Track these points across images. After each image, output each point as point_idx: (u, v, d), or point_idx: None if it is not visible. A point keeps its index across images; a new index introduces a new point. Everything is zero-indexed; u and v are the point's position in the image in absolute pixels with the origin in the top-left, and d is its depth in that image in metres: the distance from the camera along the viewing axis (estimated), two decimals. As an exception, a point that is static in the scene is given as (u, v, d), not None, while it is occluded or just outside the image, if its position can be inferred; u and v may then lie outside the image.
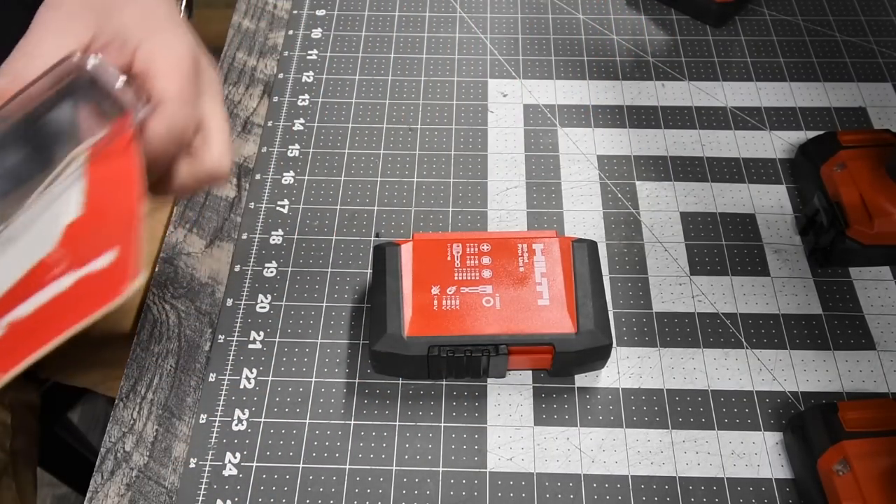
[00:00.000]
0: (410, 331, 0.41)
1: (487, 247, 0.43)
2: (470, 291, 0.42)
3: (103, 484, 0.41)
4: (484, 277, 0.42)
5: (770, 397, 0.43)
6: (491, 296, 0.42)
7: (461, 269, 0.43)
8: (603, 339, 0.41)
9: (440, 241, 0.44)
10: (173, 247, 0.50)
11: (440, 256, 0.43)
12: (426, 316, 0.41)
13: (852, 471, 0.36)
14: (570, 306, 0.41)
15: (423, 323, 0.41)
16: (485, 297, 0.42)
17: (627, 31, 0.60)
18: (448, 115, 0.55)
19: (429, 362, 0.41)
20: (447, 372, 0.42)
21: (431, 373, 0.42)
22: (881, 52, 0.58)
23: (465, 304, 0.41)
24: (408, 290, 0.42)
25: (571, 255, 0.43)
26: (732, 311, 0.46)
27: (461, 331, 0.41)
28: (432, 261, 0.43)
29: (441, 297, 0.42)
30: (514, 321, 0.41)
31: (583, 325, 0.40)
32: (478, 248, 0.43)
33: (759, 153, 0.53)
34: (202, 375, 0.45)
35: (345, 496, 0.40)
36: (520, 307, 0.41)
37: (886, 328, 0.45)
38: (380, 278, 0.42)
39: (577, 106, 0.56)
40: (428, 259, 0.43)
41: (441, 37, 0.60)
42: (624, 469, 0.40)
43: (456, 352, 0.40)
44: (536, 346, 0.40)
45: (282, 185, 0.52)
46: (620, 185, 0.51)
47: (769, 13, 0.61)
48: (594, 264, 0.43)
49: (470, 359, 0.41)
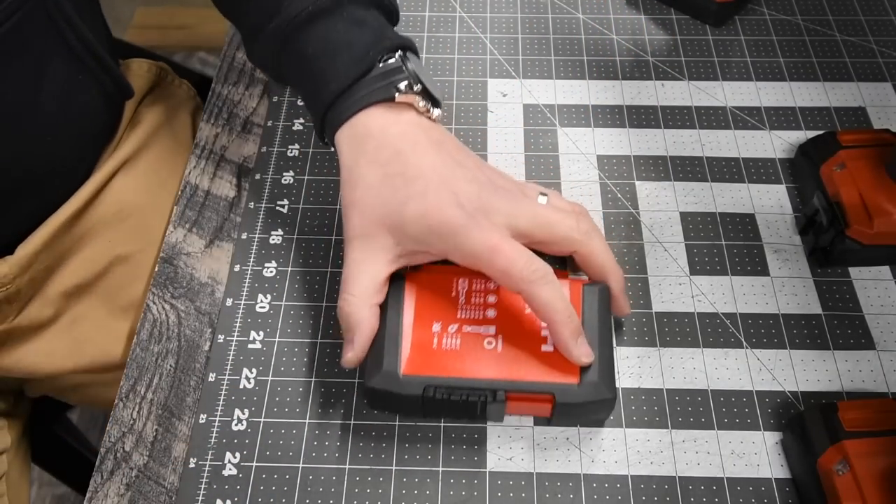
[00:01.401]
0: (407, 369, 0.39)
1: (494, 284, 0.42)
2: (472, 331, 0.40)
3: (103, 484, 0.41)
4: (488, 317, 0.41)
5: (770, 397, 0.43)
6: (493, 337, 0.40)
7: (465, 307, 0.41)
8: (606, 393, 0.39)
9: (446, 276, 0.42)
10: (173, 246, 0.50)
11: (445, 291, 0.42)
12: (424, 354, 0.40)
13: (852, 471, 0.36)
14: None
15: (421, 361, 0.39)
16: (487, 339, 0.40)
17: (627, 30, 0.60)
18: (448, 115, 0.55)
19: (424, 402, 0.39)
20: (442, 413, 0.41)
21: (426, 413, 0.41)
22: (881, 51, 0.58)
23: (465, 345, 0.40)
24: (408, 325, 0.40)
25: (581, 298, 0.41)
26: (732, 310, 0.46)
27: (459, 372, 0.39)
28: (437, 295, 0.41)
29: (442, 335, 0.40)
30: (515, 367, 0.39)
31: (586, 377, 0.39)
32: (484, 285, 0.42)
33: (759, 153, 0.53)
34: (202, 375, 0.45)
35: (345, 496, 0.40)
36: (522, 352, 0.40)
37: (886, 328, 0.45)
38: (381, 309, 0.41)
39: (576, 106, 0.56)
40: (432, 293, 0.41)
41: (441, 36, 0.60)
42: (624, 469, 0.41)
43: (452, 394, 0.39)
44: (536, 395, 0.39)
45: (282, 184, 0.52)
46: (620, 184, 0.51)
47: (769, 13, 0.61)
48: (604, 311, 0.41)
49: (466, 403, 0.39)
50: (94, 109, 0.53)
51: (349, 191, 0.41)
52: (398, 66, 0.42)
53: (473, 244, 0.39)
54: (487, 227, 0.39)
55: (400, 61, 0.42)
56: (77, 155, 0.54)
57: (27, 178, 0.50)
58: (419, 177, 0.40)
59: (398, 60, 0.42)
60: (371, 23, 0.43)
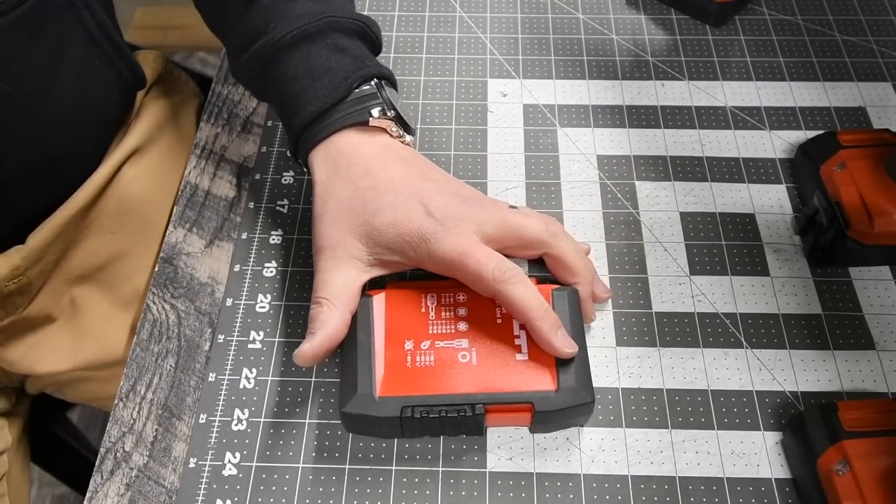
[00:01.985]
0: (382, 390, 0.39)
1: (463, 297, 0.42)
2: (445, 346, 0.40)
3: (103, 484, 0.41)
4: (460, 330, 0.41)
5: (770, 397, 0.43)
6: (467, 350, 0.40)
7: (436, 322, 0.41)
8: (585, 397, 0.39)
9: (414, 293, 0.42)
10: (173, 246, 0.50)
11: (414, 308, 0.41)
12: (399, 374, 0.39)
13: (852, 471, 0.36)
14: (550, 361, 0.39)
15: (396, 381, 0.39)
16: (461, 353, 0.40)
17: (627, 30, 0.60)
18: (448, 115, 0.55)
19: (402, 423, 0.39)
20: (421, 432, 0.40)
21: (406, 433, 0.40)
22: (881, 51, 0.58)
23: (439, 361, 0.39)
24: (380, 346, 0.40)
25: (551, 304, 0.41)
26: (732, 310, 0.46)
27: (436, 389, 0.39)
28: (405, 313, 0.41)
29: (415, 353, 0.40)
30: (492, 378, 0.39)
31: (563, 382, 0.39)
32: (453, 298, 0.42)
33: (759, 153, 0.53)
34: (202, 375, 0.45)
35: (345, 496, 0.40)
36: (497, 363, 0.39)
37: (886, 328, 0.45)
38: (351, 331, 0.40)
39: (576, 106, 0.56)
40: (401, 311, 0.41)
41: (441, 36, 0.60)
42: (624, 469, 0.41)
43: (431, 412, 0.38)
44: (514, 405, 0.38)
45: (281, 184, 0.52)
46: (620, 185, 0.51)
47: (769, 13, 0.61)
48: (574, 314, 0.41)
49: (445, 419, 0.38)
50: (109, 96, 0.54)
51: (321, 204, 0.43)
52: (373, 93, 0.44)
53: (444, 250, 0.40)
54: (457, 234, 0.40)
55: (375, 88, 0.44)
56: (91, 141, 0.54)
57: (42, 161, 0.50)
58: (389, 189, 0.41)
59: (373, 87, 0.44)
60: (353, 51, 0.46)
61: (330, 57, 0.45)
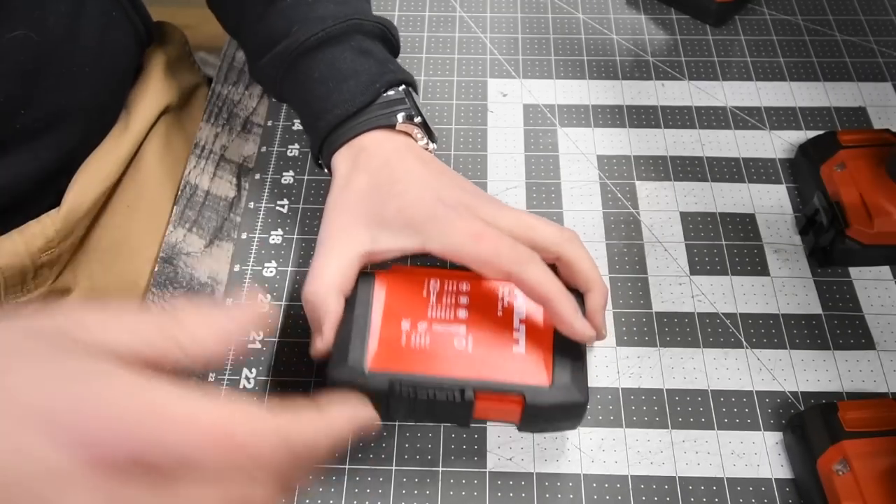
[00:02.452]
0: (373, 364, 0.38)
1: (466, 286, 0.41)
2: (442, 330, 0.39)
3: (103, 484, 0.41)
4: (459, 317, 0.40)
5: (770, 397, 0.43)
6: (463, 337, 0.39)
7: (436, 306, 0.40)
8: (578, 396, 0.37)
9: (417, 276, 0.41)
10: (173, 246, 0.50)
11: (416, 290, 0.41)
12: (391, 350, 0.38)
13: (852, 471, 0.36)
14: (547, 357, 0.38)
15: (388, 357, 0.38)
16: (457, 338, 0.39)
17: (627, 30, 0.60)
18: (448, 115, 0.55)
19: (389, 399, 0.37)
20: (405, 413, 0.39)
21: (391, 412, 0.38)
22: (881, 51, 0.58)
23: (434, 343, 0.39)
24: (376, 321, 0.39)
25: None
26: (732, 310, 0.46)
27: (426, 370, 0.38)
28: (407, 293, 0.41)
29: (411, 333, 0.39)
30: (485, 366, 0.38)
31: (558, 379, 0.37)
32: (456, 286, 0.41)
33: (759, 153, 0.53)
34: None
35: (345, 496, 0.40)
36: (492, 352, 0.38)
37: (886, 328, 0.45)
38: (349, 306, 0.40)
39: (576, 106, 0.56)
40: (402, 291, 0.41)
41: (441, 36, 0.60)
42: (623, 469, 0.40)
43: (419, 391, 0.37)
44: (505, 395, 0.37)
45: (281, 184, 0.52)
46: (620, 184, 0.51)
47: (769, 13, 0.61)
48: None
49: (433, 402, 0.37)
50: (126, 48, 0.55)
51: (336, 194, 0.43)
52: (401, 98, 0.44)
53: (455, 232, 0.39)
54: (470, 217, 0.39)
55: (403, 94, 0.45)
56: (111, 91, 0.55)
57: (69, 109, 0.50)
58: (402, 180, 0.41)
59: (401, 93, 0.45)
60: (377, 54, 0.46)
61: (355, 60, 0.45)
